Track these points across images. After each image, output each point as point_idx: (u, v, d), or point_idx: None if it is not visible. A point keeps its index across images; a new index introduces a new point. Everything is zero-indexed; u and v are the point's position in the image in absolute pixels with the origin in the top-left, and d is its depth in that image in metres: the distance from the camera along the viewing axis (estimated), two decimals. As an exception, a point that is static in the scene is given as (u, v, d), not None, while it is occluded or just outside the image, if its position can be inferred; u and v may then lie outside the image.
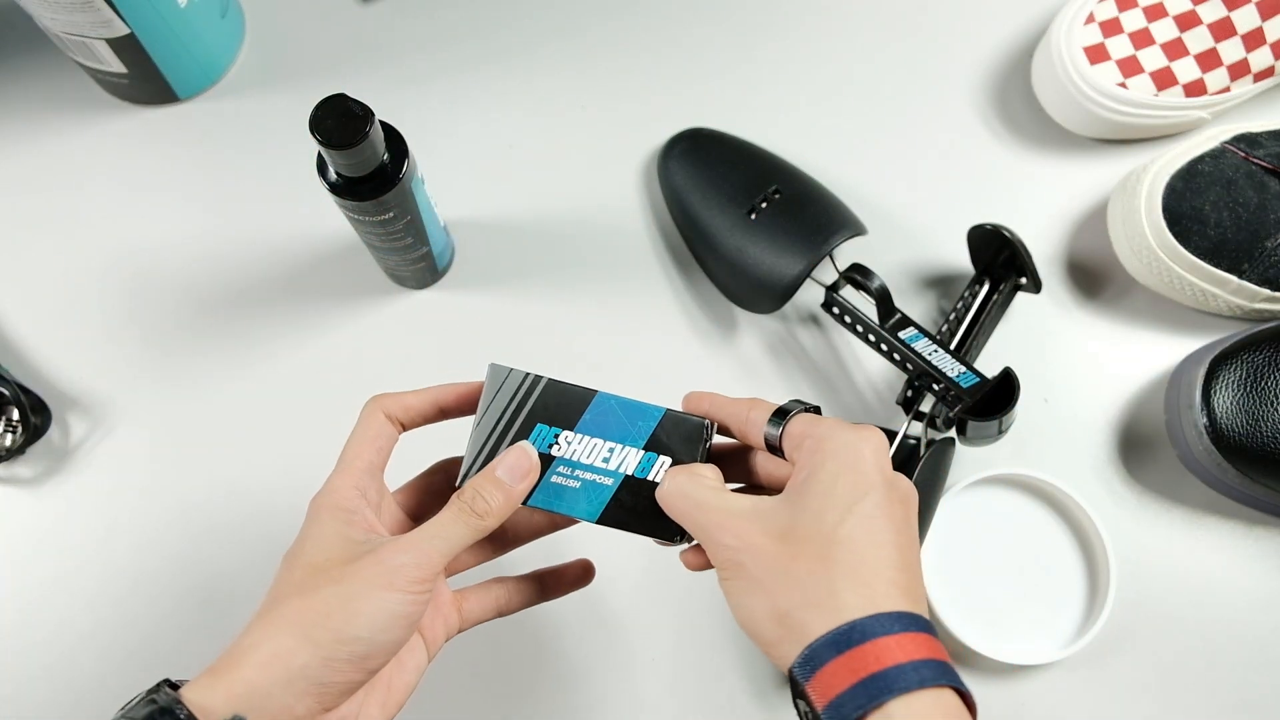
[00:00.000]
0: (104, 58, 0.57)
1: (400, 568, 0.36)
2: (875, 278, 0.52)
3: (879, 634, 0.31)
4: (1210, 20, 0.55)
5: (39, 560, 0.54)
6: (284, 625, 0.35)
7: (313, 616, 0.35)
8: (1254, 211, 0.52)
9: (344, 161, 0.44)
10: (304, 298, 0.58)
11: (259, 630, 0.35)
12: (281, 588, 0.36)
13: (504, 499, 0.38)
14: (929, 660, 0.31)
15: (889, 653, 0.31)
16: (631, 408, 0.40)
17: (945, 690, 0.31)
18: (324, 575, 0.36)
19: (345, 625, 0.35)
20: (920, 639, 0.32)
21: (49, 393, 0.56)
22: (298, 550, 0.37)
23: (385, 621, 0.35)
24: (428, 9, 0.64)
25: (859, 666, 0.31)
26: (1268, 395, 0.50)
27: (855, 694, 0.31)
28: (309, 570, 0.36)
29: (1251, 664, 0.52)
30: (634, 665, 0.53)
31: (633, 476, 0.39)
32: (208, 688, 0.34)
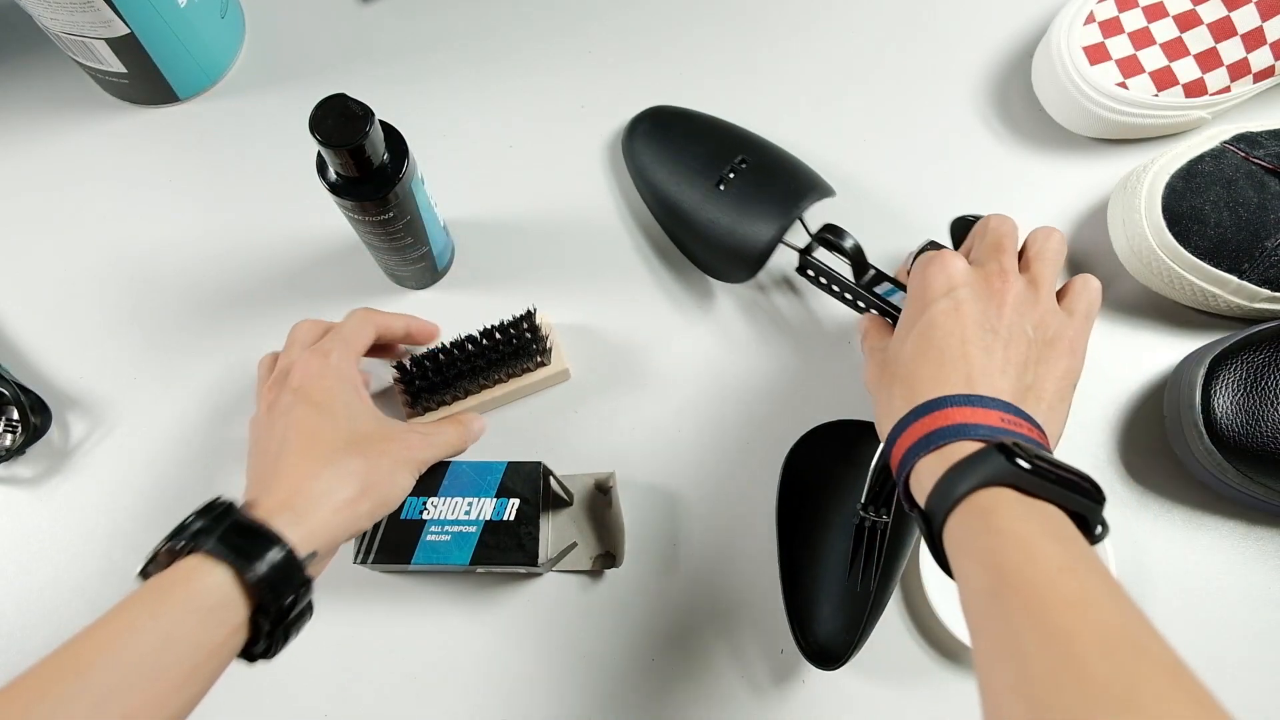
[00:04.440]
0: (104, 58, 0.57)
1: (420, 458, 0.47)
2: (848, 236, 0.52)
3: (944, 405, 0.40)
4: (1210, 20, 0.55)
5: (39, 560, 0.54)
6: (350, 479, 0.43)
7: (372, 478, 0.44)
8: (1254, 211, 0.52)
9: (344, 161, 0.44)
10: (304, 298, 0.58)
11: (330, 477, 0.43)
12: (334, 441, 0.44)
13: (477, 433, 0.52)
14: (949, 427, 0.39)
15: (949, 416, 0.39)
16: (480, 466, 0.49)
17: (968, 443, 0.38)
18: (370, 445, 0.45)
19: (389, 492, 0.45)
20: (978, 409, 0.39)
21: (49, 393, 0.56)
22: (337, 410, 0.45)
23: (402, 494, 0.46)
24: (427, 9, 0.64)
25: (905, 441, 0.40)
26: (1268, 395, 0.50)
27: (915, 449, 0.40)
28: (355, 435, 0.45)
29: (1251, 664, 0.52)
30: (633, 666, 0.53)
31: (491, 520, 0.48)
32: (293, 524, 0.40)
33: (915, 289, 0.45)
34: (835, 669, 0.50)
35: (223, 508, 0.40)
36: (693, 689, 0.52)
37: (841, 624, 0.50)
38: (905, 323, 0.45)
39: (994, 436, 0.38)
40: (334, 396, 0.46)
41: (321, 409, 0.45)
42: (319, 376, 0.46)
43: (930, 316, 0.43)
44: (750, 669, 0.52)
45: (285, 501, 0.41)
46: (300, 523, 0.40)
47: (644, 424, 0.56)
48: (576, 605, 0.53)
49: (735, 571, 0.54)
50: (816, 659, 0.50)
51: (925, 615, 0.52)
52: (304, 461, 0.43)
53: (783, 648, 0.53)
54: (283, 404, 0.46)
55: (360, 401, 0.47)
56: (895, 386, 0.43)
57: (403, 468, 0.46)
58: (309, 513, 0.41)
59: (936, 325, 0.43)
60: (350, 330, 0.49)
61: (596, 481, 0.54)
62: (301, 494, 0.42)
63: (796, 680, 0.52)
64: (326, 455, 0.43)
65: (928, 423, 0.39)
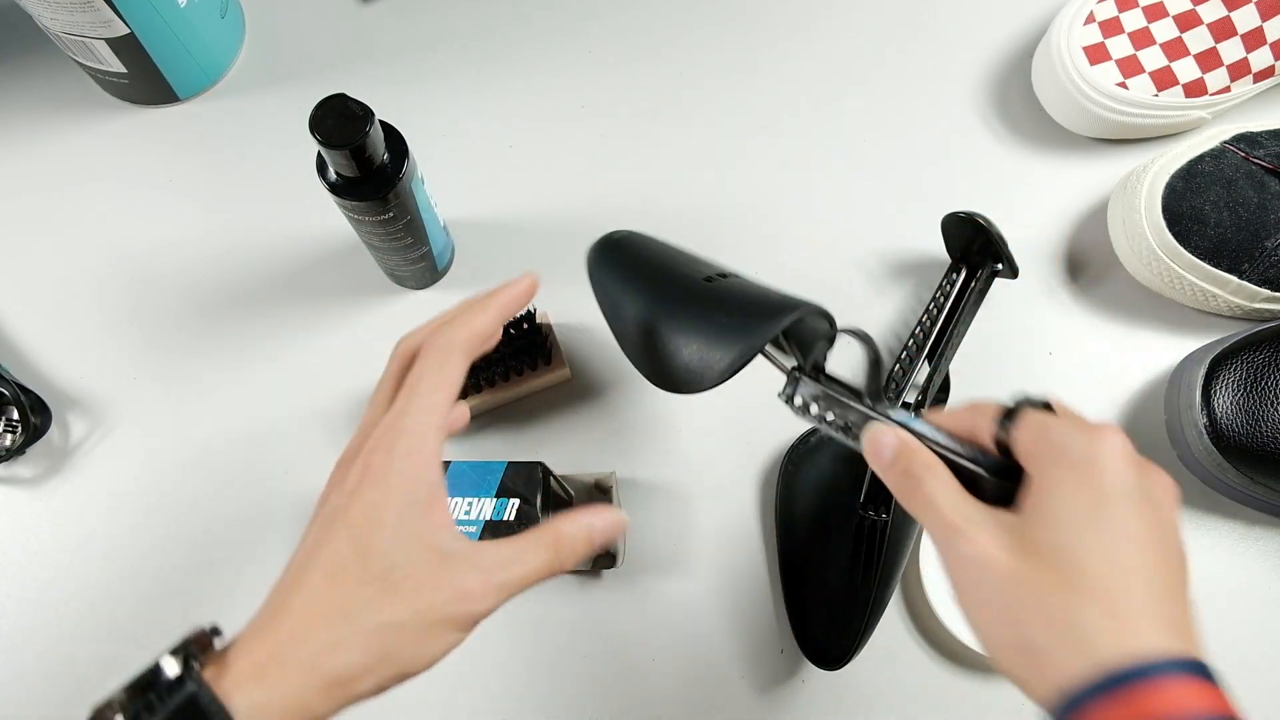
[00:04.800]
0: (104, 58, 0.57)
1: (476, 611, 0.33)
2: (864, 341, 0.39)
3: (1150, 676, 0.27)
4: (1210, 20, 0.55)
5: (39, 560, 0.54)
6: (362, 642, 0.32)
7: (395, 644, 0.32)
8: (1254, 211, 0.52)
9: (344, 161, 0.44)
10: (304, 298, 0.58)
11: (336, 634, 0.32)
12: (362, 578, 0.33)
13: (585, 556, 0.37)
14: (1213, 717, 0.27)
15: (1166, 702, 0.26)
16: (480, 466, 0.47)
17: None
18: (409, 590, 0.33)
19: (412, 663, 0.33)
20: (1197, 687, 0.27)
21: (49, 393, 0.56)
22: (383, 530, 0.33)
23: (431, 663, 0.33)
24: (427, 9, 0.64)
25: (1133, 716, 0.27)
26: (1268, 395, 0.50)
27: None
28: (394, 571, 0.33)
29: (1251, 664, 0.52)
30: (634, 666, 0.53)
31: (491, 520, 0.47)
32: (253, 689, 0.30)
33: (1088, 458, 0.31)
34: (835, 669, 0.50)
35: (186, 665, 0.31)
36: (693, 689, 0.52)
37: (842, 624, 0.50)
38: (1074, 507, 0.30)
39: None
40: (382, 509, 0.33)
41: (359, 528, 0.33)
42: (377, 474, 0.34)
43: (1129, 511, 0.30)
44: (750, 669, 0.52)
45: (268, 658, 0.31)
46: (278, 699, 0.31)
47: (644, 424, 0.56)
48: (576, 605, 0.53)
49: (735, 571, 0.54)
50: (817, 659, 0.50)
51: (925, 615, 0.52)
52: (317, 600, 0.32)
53: (783, 648, 0.53)
54: (333, 502, 0.35)
55: (421, 516, 0.34)
56: (1084, 602, 0.29)
57: (443, 628, 0.33)
58: (287, 680, 0.31)
59: (1142, 529, 0.30)
60: (428, 385, 0.36)
61: (596, 481, 0.54)
62: (291, 652, 0.31)
63: (796, 680, 0.52)
64: (344, 599, 0.32)
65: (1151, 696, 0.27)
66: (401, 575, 0.33)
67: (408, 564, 0.33)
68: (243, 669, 0.31)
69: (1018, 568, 0.30)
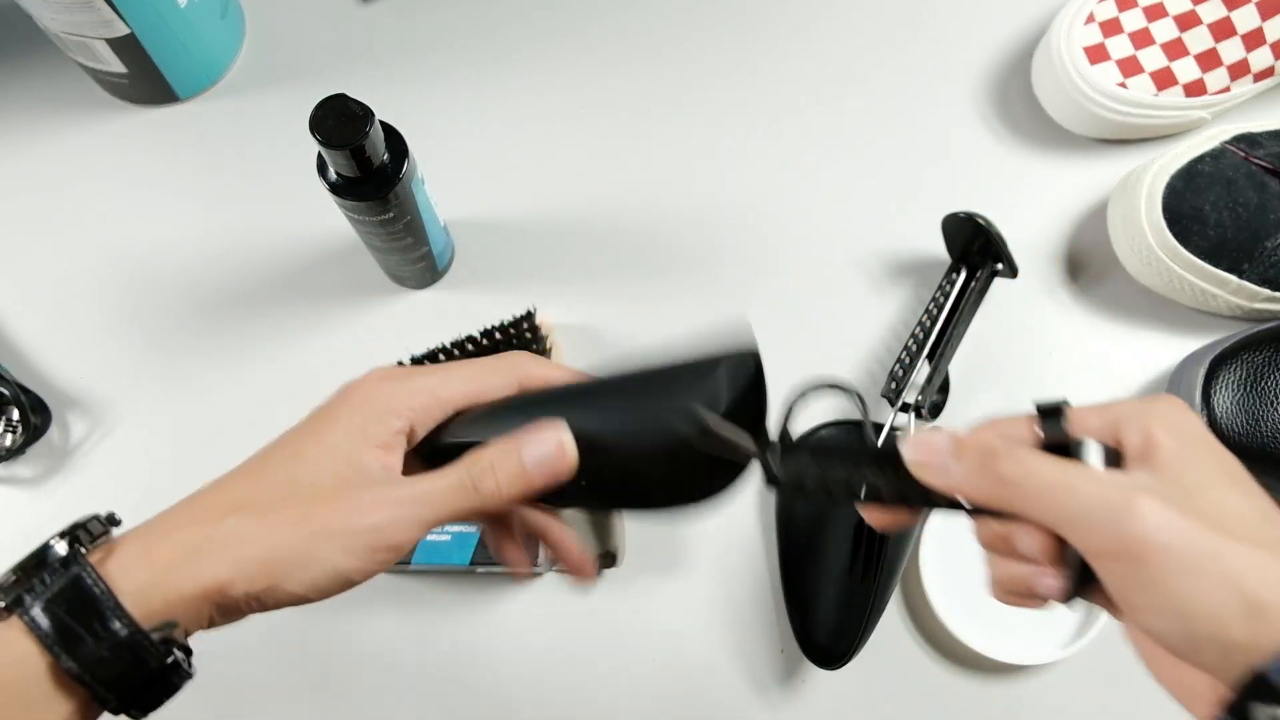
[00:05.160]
0: (104, 58, 0.57)
1: (370, 531, 0.32)
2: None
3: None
4: (1210, 20, 0.55)
5: (39, 560, 0.54)
6: (237, 547, 0.31)
7: (262, 550, 0.31)
8: (1254, 211, 0.52)
9: (344, 161, 0.44)
10: (304, 298, 0.58)
11: (225, 530, 0.31)
12: (274, 481, 0.33)
13: (520, 489, 0.33)
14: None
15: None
16: None
17: None
18: (297, 495, 0.32)
19: (285, 576, 0.31)
20: None
21: (49, 393, 0.56)
22: (313, 434, 0.34)
23: (327, 584, 0.32)
24: (427, 9, 0.64)
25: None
26: (1268, 395, 0.50)
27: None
28: (295, 474, 0.33)
29: (1251, 664, 0.52)
30: (634, 665, 0.53)
31: None
32: (153, 583, 0.30)
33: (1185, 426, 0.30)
34: (836, 669, 0.50)
35: (68, 553, 0.31)
36: (694, 688, 0.52)
37: (842, 624, 0.50)
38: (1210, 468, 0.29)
39: None
40: (334, 422, 0.34)
41: (301, 433, 0.34)
42: (356, 396, 0.35)
43: (1238, 466, 0.30)
44: (751, 668, 0.52)
45: (155, 544, 0.32)
46: (158, 584, 0.30)
47: (644, 424, 0.56)
48: (576, 605, 0.53)
49: (735, 571, 0.54)
50: (817, 658, 0.50)
51: (925, 615, 0.52)
52: (218, 496, 0.33)
53: (783, 647, 0.53)
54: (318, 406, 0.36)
55: (362, 439, 0.33)
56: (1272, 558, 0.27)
57: (329, 544, 0.31)
58: (168, 569, 0.31)
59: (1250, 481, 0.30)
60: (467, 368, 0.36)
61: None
62: (172, 542, 0.32)
63: (797, 680, 0.52)
64: (242, 496, 0.33)
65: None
66: (309, 482, 0.32)
67: (320, 473, 0.33)
68: (132, 553, 0.31)
69: (1205, 525, 0.27)
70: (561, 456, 0.33)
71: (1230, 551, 0.26)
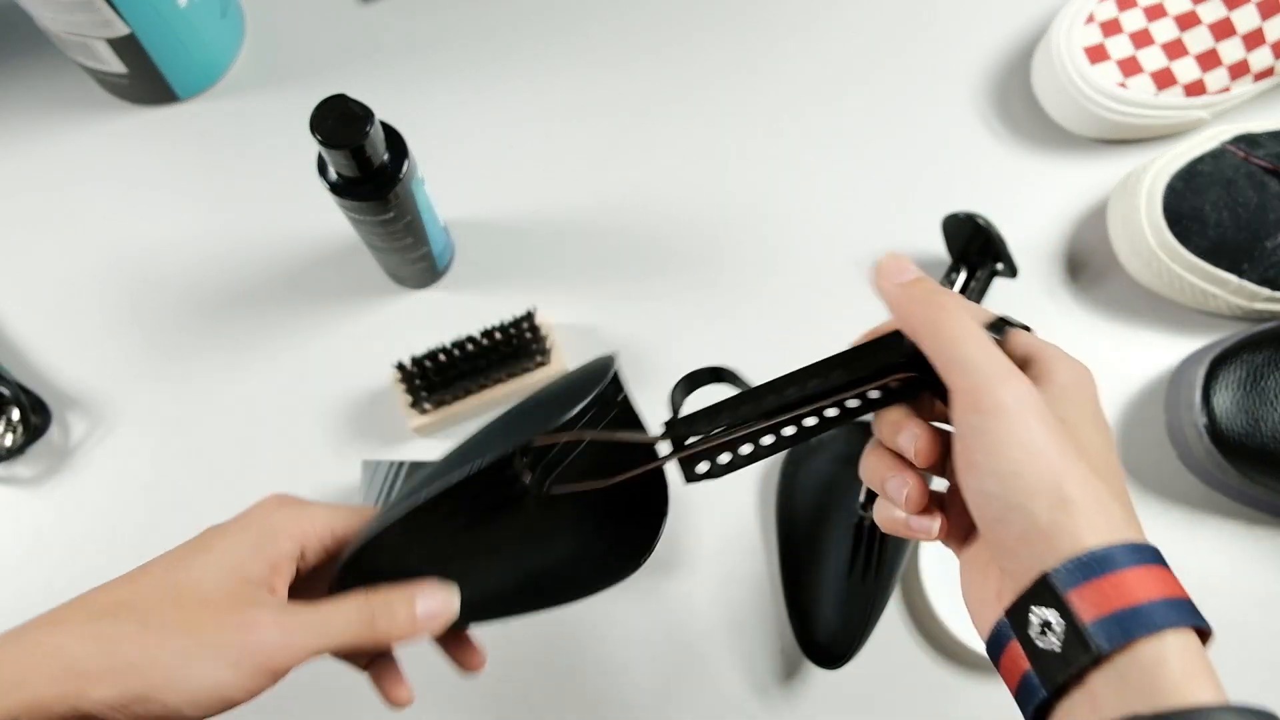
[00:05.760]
0: (104, 58, 0.57)
1: (260, 649, 0.31)
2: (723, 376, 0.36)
3: (1148, 564, 0.28)
4: (1210, 20, 0.55)
5: (39, 560, 0.54)
6: (109, 644, 0.30)
7: (140, 656, 0.29)
8: (1254, 211, 0.52)
9: (344, 161, 0.44)
10: (304, 298, 0.58)
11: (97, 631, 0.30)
12: (156, 586, 0.32)
13: (409, 633, 0.34)
14: (1187, 600, 0.29)
15: (1152, 585, 0.28)
16: None
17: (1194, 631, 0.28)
18: (181, 602, 0.31)
19: (160, 687, 0.29)
20: (1171, 575, 0.29)
21: (49, 393, 0.56)
22: (207, 547, 0.33)
23: (206, 700, 0.30)
24: (428, 9, 0.64)
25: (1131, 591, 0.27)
26: (1268, 395, 0.50)
27: (1127, 617, 0.27)
28: (181, 581, 0.32)
29: (1251, 664, 0.52)
30: (635, 665, 0.53)
31: None
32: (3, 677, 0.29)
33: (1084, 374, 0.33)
34: (836, 668, 0.50)
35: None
36: (694, 688, 0.52)
37: (842, 623, 0.50)
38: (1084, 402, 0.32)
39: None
40: (230, 539, 0.34)
41: (197, 545, 0.34)
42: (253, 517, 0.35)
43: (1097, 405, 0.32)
44: (751, 668, 0.52)
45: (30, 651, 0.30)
46: (8, 684, 0.29)
47: (644, 424, 0.56)
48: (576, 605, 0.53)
49: (735, 571, 0.54)
50: (817, 658, 0.50)
51: (925, 615, 0.52)
52: (103, 594, 0.32)
53: (783, 647, 0.53)
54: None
55: (256, 559, 0.33)
56: (1106, 491, 0.30)
57: (213, 659, 0.30)
58: (32, 673, 0.29)
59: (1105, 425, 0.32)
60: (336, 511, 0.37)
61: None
62: (47, 642, 0.30)
63: (797, 680, 0.52)
64: (125, 599, 0.31)
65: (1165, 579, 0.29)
66: (192, 592, 0.32)
67: (206, 587, 0.32)
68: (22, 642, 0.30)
69: (1064, 430, 0.30)
70: (447, 612, 0.35)
71: (1068, 455, 0.29)
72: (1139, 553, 0.28)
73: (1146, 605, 0.27)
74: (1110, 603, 0.27)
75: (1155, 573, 0.28)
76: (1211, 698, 0.27)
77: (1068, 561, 0.28)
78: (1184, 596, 0.28)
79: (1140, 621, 0.27)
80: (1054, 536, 0.28)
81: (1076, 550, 0.28)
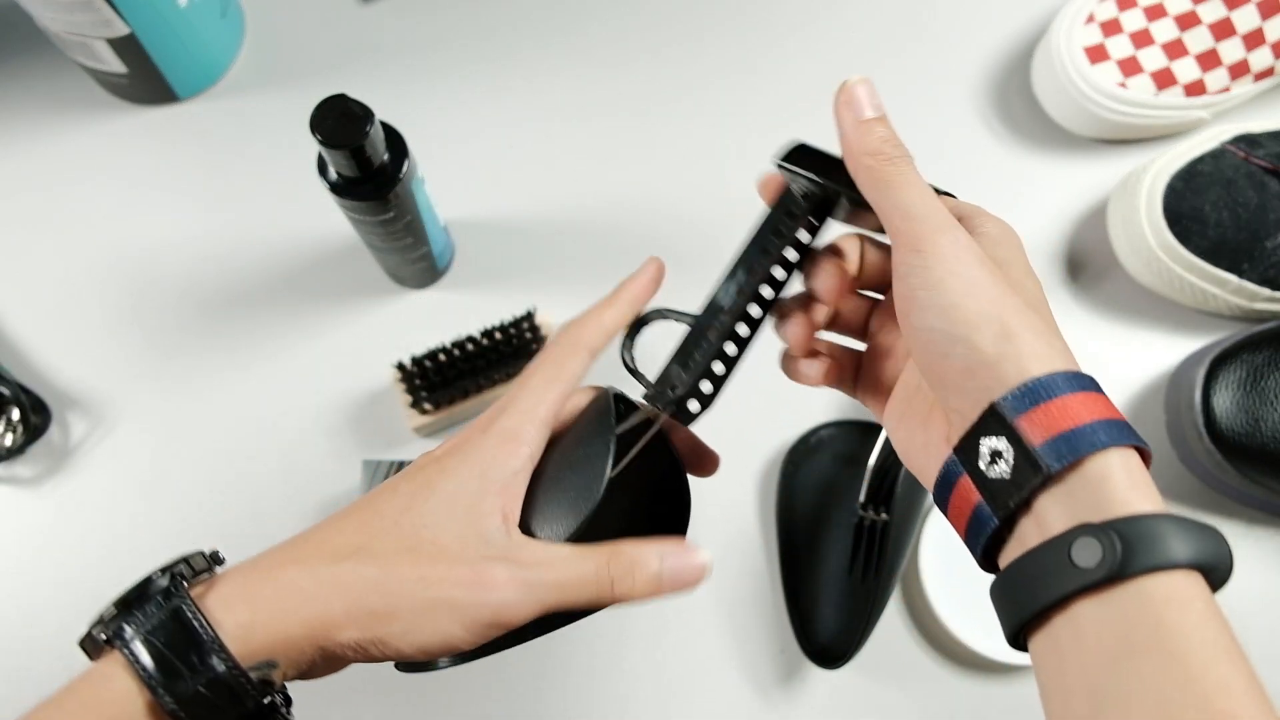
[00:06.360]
0: (104, 58, 0.57)
1: (493, 609, 0.31)
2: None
3: (1087, 389, 0.29)
4: (1210, 20, 0.55)
5: (39, 560, 0.54)
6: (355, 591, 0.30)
7: (390, 605, 0.30)
8: (1254, 211, 0.52)
9: (344, 161, 0.44)
10: (304, 298, 0.58)
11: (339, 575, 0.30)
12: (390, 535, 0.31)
13: (647, 596, 0.33)
14: (1126, 423, 0.29)
15: (1092, 407, 0.28)
16: None
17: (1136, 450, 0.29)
18: (428, 560, 0.31)
19: (396, 635, 0.30)
20: (1108, 400, 0.29)
21: (49, 393, 0.56)
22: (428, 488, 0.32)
23: (434, 649, 0.31)
24: (428, 9, 0.64)
25: (1075, 414, 0.28)
26: (1268, 395, 0.50)
27: (1073, 437, 0.28)
28: (414, 528, 0.31)
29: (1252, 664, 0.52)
30: (635, 665, 0.53)
31: None
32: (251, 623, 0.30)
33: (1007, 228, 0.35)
34: (836, 668, 0.50)
35: (173, 579, 0.30)
36: (694, 688, 0.52)
37: (842, 623, 0.50)
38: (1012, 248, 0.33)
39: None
40: (448, 477, 0.33)
41: (417, 486, 0.33)
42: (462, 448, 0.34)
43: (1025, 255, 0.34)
44: (751, 668, 0.52)
45: (260, 582, 0.31)
46: (261, 622, 0.30)
47: (644, 424, 0.56)
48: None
49: (735, 571, 0.54)
50: (817, 658, 0.50)
51: (925, 615, 0.52)
52: (330, 538, 0.32)
53: (783, 647, 0.53)
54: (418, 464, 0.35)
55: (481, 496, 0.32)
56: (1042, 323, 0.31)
57: (446, 612, 0.31)
58: (271, 606, 0.30)
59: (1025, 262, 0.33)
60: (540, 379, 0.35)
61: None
62: (294, 583, 0.31)
63: (797, 680, 0.52)
64: (358, 541, 0.31)
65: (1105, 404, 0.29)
66: (429, 539, 0.31)
67: (440, 533, 0.31)
68: (235, 589, 0.30)
69: (1000, 270, 0.31)
70: (698, 579, 0.34)
71: (1006, 291, 0.30)
72: (1079, 380, 0.29)
73: (1089, 425, 0.28)
74: (1057, 425, 0.28)
75: (1096, 399, 0.29)
76: (1153, 508, 0.27)
77: (1015, 389, 0.28)
78: (1123, 419, 0.29)
79: (1086, 440, 0.28)
80: (999, 366, 0.29)
81: (1023, 378, 0.29)
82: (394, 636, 0.31)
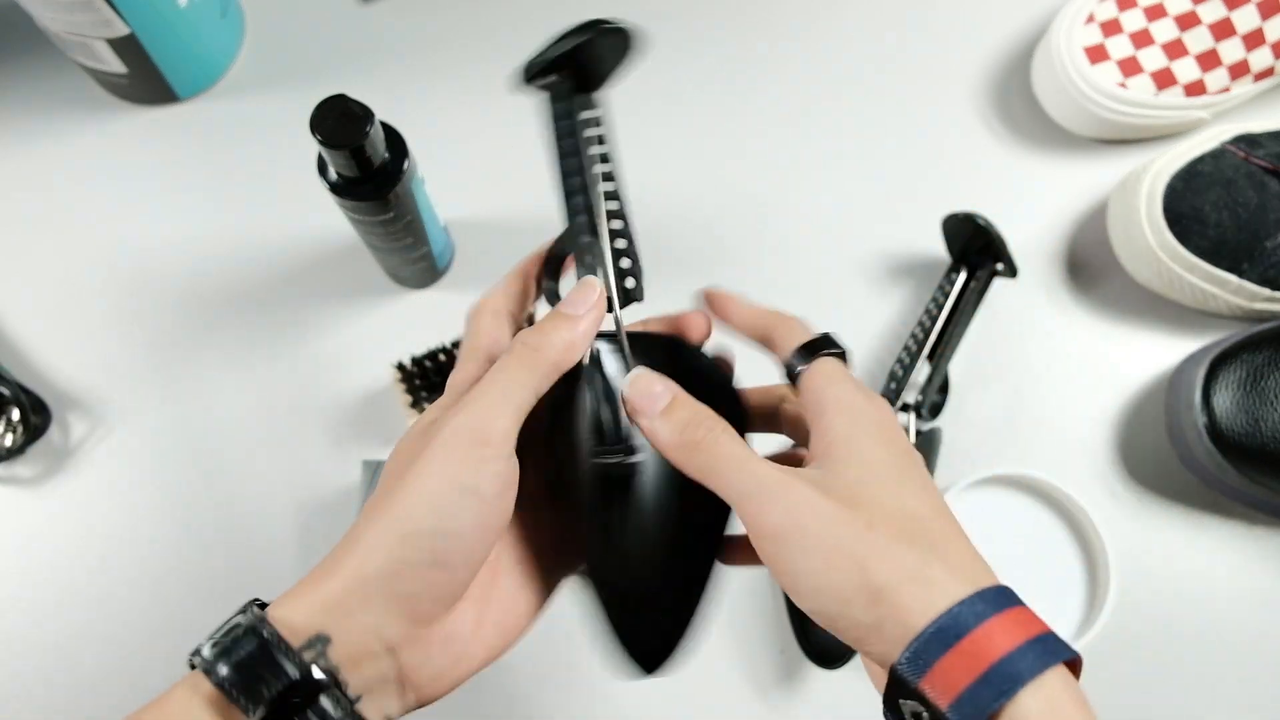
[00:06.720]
0: (104, 58, 0.57)
1: (457, 433, 0.30)
2: None
3: (985, 618, 0.27)
4: (1210, 20, 0.55)
5: (39, 560, 0.54)
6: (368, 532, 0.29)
7: (386, 518, 0.29)
8: (1254, 211, 0.52)
9: (344, 161, 0.44)
10: (304, 298, 0.58)
11: (349, 541, 0.30)
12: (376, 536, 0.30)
13: (568, 331, 0.33)
14: (1038, 638, 0.27)
15: (997, 639, 0.27)
16: None
17: (1059, 667, 0.27)
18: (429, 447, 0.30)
19: (409, 516, 0.29)
20: (1017, 614, 0.28)
21: (49, 393, 0.56)
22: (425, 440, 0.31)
23: (451, 498, 0.29)
24: (428, 9, 0.64)
25: (975, 658, 0.26)
26: (1268, 395, 0.50)
27: (979, 690, 0.26)
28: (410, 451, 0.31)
29: (1251, 664, 0.52)
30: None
31: None
32: (293, 601, 0.29)
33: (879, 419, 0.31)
34: (836, 668, 0.50)
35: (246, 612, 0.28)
36: (694, 688, 0.52)
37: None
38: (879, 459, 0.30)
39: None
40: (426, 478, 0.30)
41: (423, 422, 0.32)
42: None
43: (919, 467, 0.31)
44: (751, 668, 0.52)
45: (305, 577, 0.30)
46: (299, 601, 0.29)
47: (644, 424, 0.56)
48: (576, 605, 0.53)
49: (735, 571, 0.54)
50: (817, 658, 0.50)
51: (925, 615, 0.52)
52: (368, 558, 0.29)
53: (783, 647, 0.53)
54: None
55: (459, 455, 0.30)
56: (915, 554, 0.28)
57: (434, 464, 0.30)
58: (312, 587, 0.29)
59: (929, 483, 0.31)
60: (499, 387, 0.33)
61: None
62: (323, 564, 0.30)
63: (797, 680, 0.52)
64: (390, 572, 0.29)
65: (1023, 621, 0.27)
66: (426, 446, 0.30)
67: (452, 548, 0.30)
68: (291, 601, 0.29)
69: (851, 515, 0.28)
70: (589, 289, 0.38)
71: (863, 538, 0.28)
72: (973, 607, 0.27)
73: (994, 667, 0.26)
74: (959, 681, 0.26)
75: (998, 622, 0.27)
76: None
77: (906, 652, 0.27)
78: (1036, 634, 0.27)
79: (994, 689, 0.26)
80: (883, 629, 0.27)
81: (909, 636, 0.27)
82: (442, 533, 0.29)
